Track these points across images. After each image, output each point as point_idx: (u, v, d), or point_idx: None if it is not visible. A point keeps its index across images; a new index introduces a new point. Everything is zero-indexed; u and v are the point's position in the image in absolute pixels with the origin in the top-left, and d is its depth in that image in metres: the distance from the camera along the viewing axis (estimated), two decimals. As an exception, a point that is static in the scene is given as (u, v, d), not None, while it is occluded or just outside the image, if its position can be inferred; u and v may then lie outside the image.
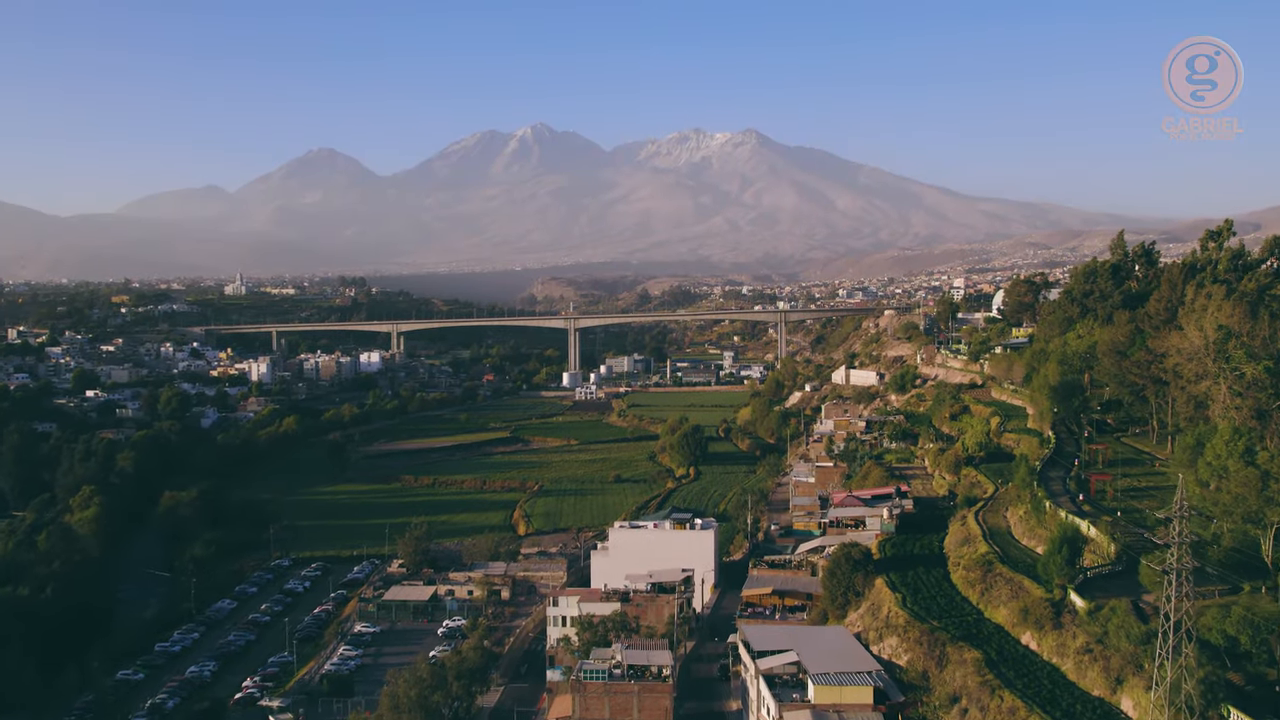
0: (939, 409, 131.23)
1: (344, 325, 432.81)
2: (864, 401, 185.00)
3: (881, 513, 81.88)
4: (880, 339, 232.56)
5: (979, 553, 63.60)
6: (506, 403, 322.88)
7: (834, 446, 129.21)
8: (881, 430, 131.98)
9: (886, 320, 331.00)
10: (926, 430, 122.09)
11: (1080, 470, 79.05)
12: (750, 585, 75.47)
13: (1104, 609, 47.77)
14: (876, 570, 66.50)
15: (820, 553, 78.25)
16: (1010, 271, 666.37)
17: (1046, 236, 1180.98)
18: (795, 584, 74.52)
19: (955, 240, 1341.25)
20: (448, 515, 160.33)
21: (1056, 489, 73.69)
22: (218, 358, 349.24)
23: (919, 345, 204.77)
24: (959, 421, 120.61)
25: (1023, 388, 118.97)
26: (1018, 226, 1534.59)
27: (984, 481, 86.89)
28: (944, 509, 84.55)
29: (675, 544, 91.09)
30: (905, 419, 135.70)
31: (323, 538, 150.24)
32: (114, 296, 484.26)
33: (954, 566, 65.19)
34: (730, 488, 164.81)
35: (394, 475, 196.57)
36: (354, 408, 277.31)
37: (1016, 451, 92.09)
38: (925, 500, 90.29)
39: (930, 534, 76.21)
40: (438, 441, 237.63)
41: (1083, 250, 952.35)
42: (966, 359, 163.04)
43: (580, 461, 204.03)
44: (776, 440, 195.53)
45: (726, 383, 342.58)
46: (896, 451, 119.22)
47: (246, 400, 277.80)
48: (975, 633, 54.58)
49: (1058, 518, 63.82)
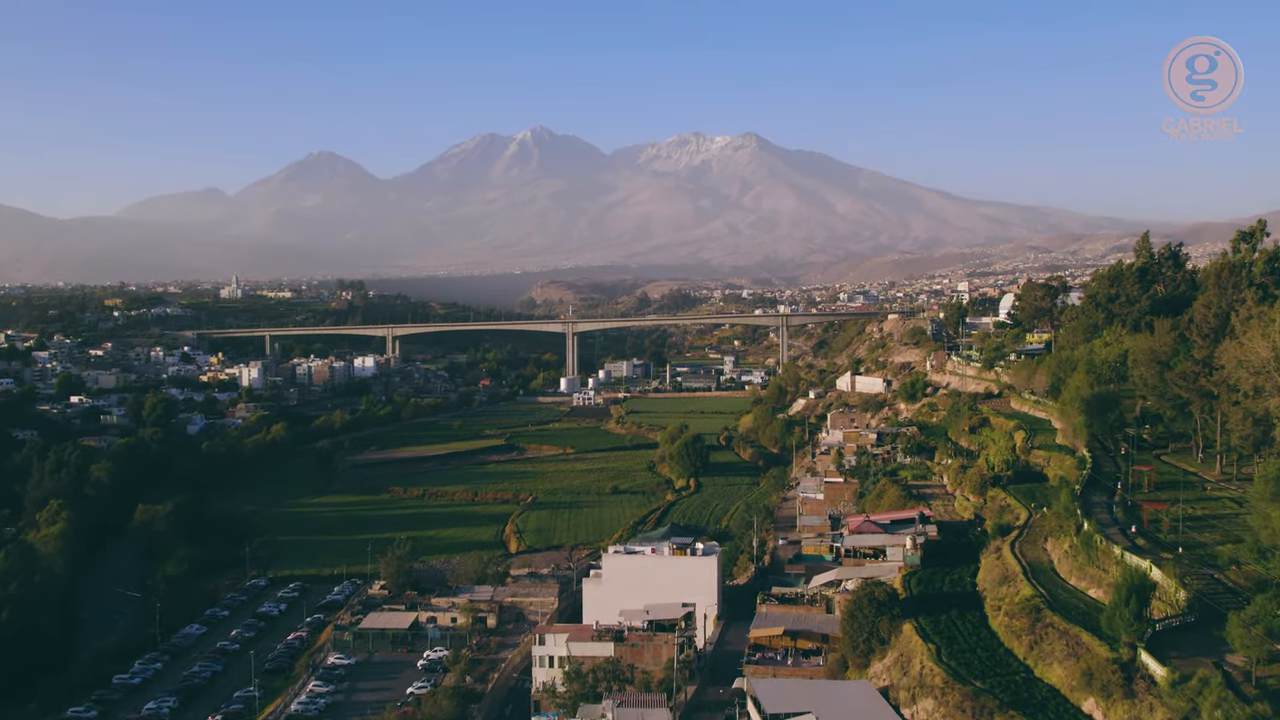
0: (956, 421, 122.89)
1: (338, 329, 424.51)
2: (871, 410, 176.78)
3: (904, 541, 73.65)
4: (886, 344, 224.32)
5: (1022, 596, 55.29)
6: (503, 408, 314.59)
7: (844, 460, 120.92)
8: (894, 443, 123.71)
9: (890, 325, 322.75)
10: (944, 445, 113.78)
11: (1126, 495, 70.78)
12: (759, 624, 67.17)
13: (1191, 680, 39.50)
14: (904, 613, 58.16)
15: (836, 586, 70.16)
16: (1011, 275, 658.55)
17: (1047, 240, 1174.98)
18: (809, 623, 66.23)
19: (955, 244, 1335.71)
20: (436, 530, 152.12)
21: (1103, 517, 65.33)
22: (209, 362, 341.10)
23: (927, 351, 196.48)
24: (978, 435, 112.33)
25: (1046, 399, 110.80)
26: (1018, 230, 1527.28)
27: (1014, 506, 78.60)
28: (973, 538, 76.13)
29: (674, 572, 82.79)
30: (919, 431, 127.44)
31: (304, 554, 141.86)
32: (107, 300, 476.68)
33: (993, 610, 56.88)
34: (733, 501, 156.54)
35: (383, 486, 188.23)
36: (345, 414, 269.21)
37: (1048, 471, 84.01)
38: (950, 526, 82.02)
39: (960, 567, 67.88)
40: (430, 449, 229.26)
41: (1083, 254, 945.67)
42: (980, 366, 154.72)
43: (576, 471, 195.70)
44: (780, 450, 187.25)
45: (727, 388, 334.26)
46: (912, 467, 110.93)
47: (235, 406, 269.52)
48: (1027, 698, 46.23)
49: (1115, 556, 55.49)
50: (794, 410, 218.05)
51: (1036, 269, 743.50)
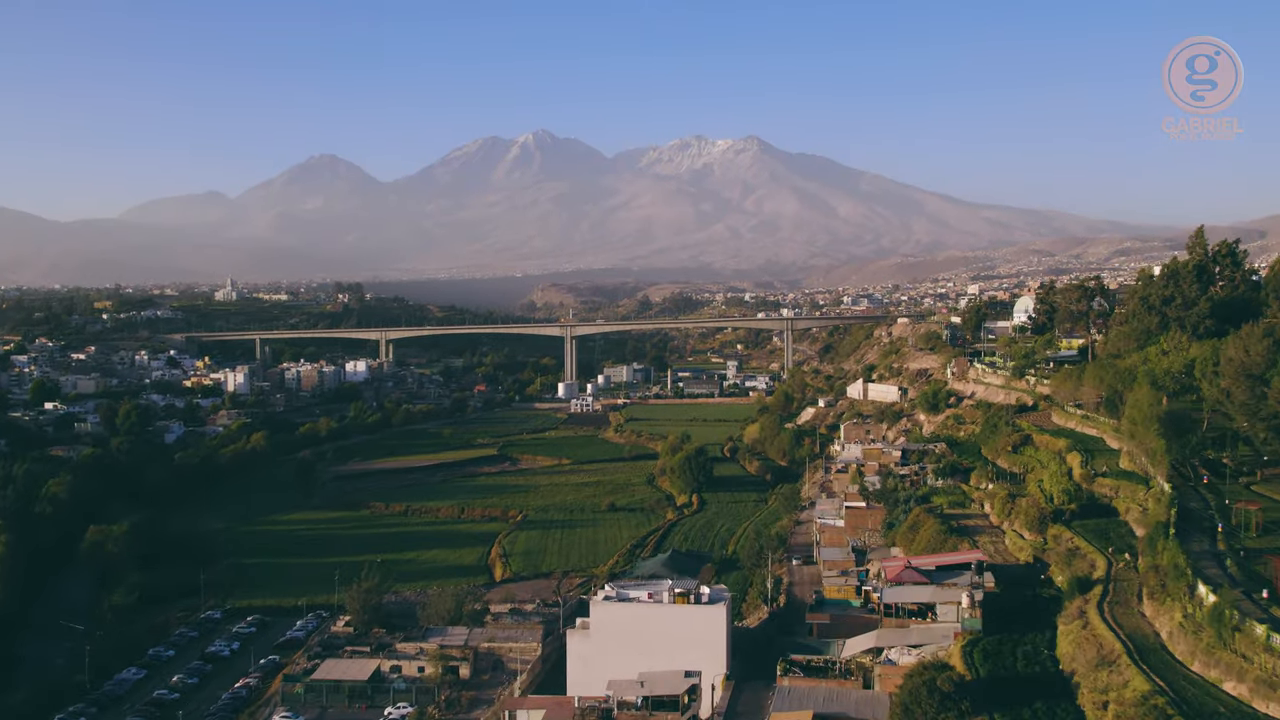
0: (992, 438, 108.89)
1: (331, 333, 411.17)
2: (888, 420, 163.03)
3: (958, 597, 59.89)
4: (900, 350, 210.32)
5: (1135, 691, 41.53)
6: (498, 415, 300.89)
7: (865, 481, 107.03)
8: (922, 462, 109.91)
9: (901, 328, 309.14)
10: (983, 467, 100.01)
11: (1234, 542, 57.00)
12: (782, 704, 53.28)
13: None
14: (974, 707, 44.49)
15: (877, 656, 56.65)
16: (1016, 279, 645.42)
17: (1050, 244, 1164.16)
18: (844, 704, 52.42)
19: (957, 247, 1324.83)
20: (416, 552, 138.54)
21: (1212, 573, 51.56)
22: (194, 366, 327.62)
23: (946, 357, 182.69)
24: (1022, 455, 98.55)
25: (1098, 414, 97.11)
26: (1020, 233, 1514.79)
27: (1086, 550, 64.95)
28: (1042, 593, 62.26)
29: (675, 624, 68.92)
30: (949, 448, 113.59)
31: (270, 580, 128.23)
32: (97, 302, 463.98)
33: (1094, 708, 43.08)
34: (739, 521, 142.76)
35: (363, 501, 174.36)
36: (331, 421, 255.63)
37: (1118, 504, 70.48)
38: (1005, 572, 68.02)
39: (1033, 634, 54.13)
40: (418, 460, 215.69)
41: (1086, 257, 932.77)
42: (1008, 374, 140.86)
43: (571, 485, 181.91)
44: (790, 463, 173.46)
45: (730, 394, 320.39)
46: (946, 492, 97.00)
47: (217, 413, 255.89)
48: None
49: (1259, 639, 41.70)
50: (802, 419, 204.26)
51: (1040, 272, 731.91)
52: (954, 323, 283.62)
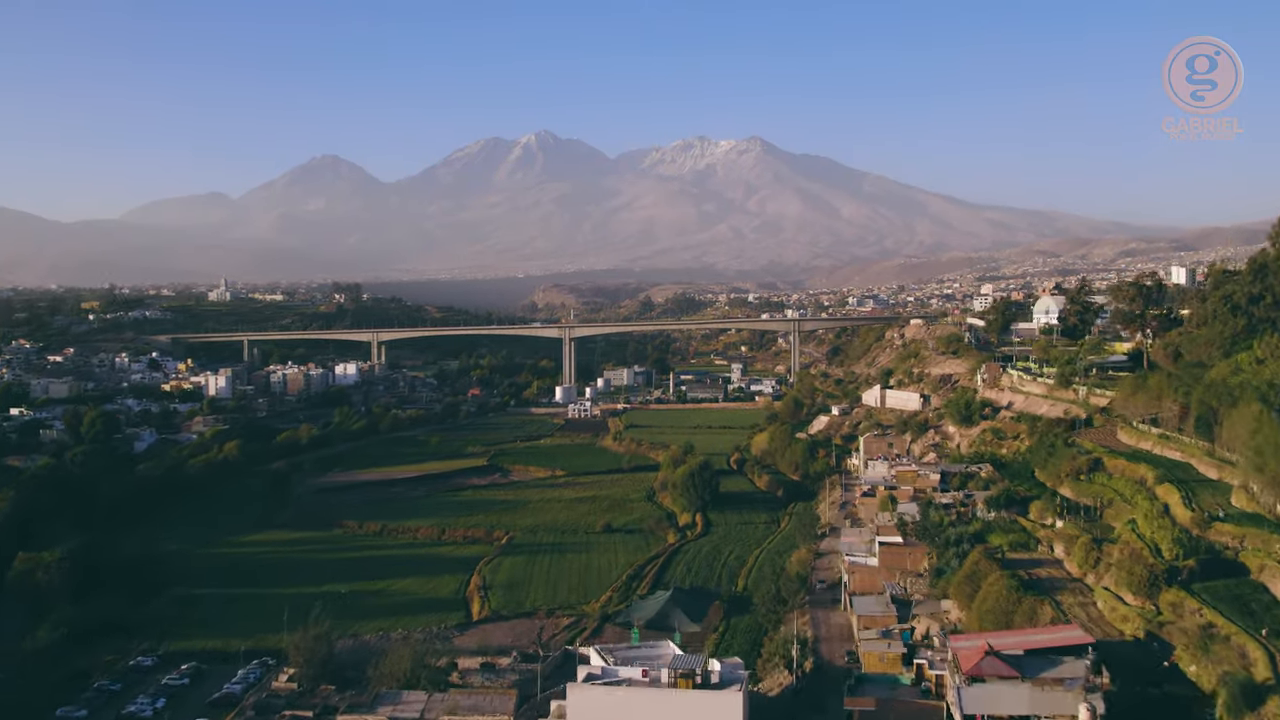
0: (1052, 461, 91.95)
1: (323, 334, 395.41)
2: (912, 432, 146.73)
3: (1072, 708, 43.15)
4: (919, 353, 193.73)
5: None
6: (491, 421, 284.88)
7: (901, 511, 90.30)
8: (967, 487, 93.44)
9: (914, 330, 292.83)
10: (1047, 498, 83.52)
11: None
12: None
13: None
14: None
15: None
16: (1022, 279, 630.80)
17: (1055, 245, 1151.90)
18: None
19: (960, 248, 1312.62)
20: (387, 581, 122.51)
21: None
22: (176, 369, 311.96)
23: (973, 362, 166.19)
24: (1093, 484, 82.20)
25: (1180, 434, 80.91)
26: (1024, 235, 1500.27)
27: (1224, 627, 48.80)
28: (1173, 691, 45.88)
29: (677, 717, 52.86)
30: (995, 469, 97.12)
31: (218, 616, 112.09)
32: (84, 303, 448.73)
33: None
34: (750, 546, 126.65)
35: (337, 519, 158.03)
36: (313, 428, 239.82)
37: (1249, 560, 54.41)
38: (1111, 652, 51.20)
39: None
40: (402, 471, 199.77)
41: (1092, 258, 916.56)
42: (1051, 382, 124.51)
43: (564, 501, 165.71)
44: (803, 477, 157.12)
45: (735, 399, 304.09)
46: (1002, 528, 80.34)
47: (193, 420, 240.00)
48: None
49: None
50: (815, 429, 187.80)
51: (1046, 273, 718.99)
52: (972, 324, 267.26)
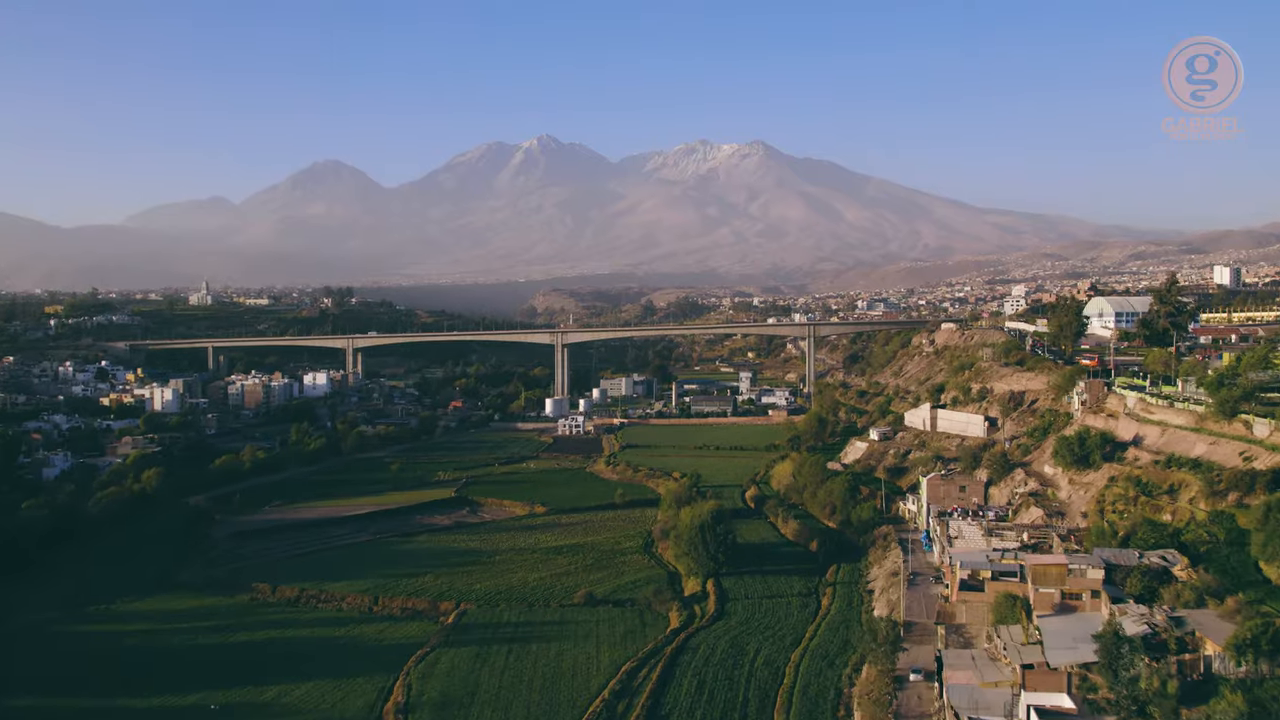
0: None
1: (297, 340, 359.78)
2: (990, 471, 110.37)
3: None
4: (974, 364, 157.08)
5: None
6: (471, 438, 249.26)
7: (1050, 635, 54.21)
8: (1157, 596, 57.34)
9: (947, 335, 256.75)
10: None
11: None
12: None
13: None
14: None
15: None
16: (1034, 282, 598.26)
17: (1061, 248, 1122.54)
18: None
19: (966, 252, 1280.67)
20: (283, 686, 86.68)
21: None
22: (125, 380, 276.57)
23: (1053, 376, 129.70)
24: None
25: None
26: (1028, 239, 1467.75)
27: None
28: None
29: None
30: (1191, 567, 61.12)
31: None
32: (48, 307, 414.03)
33: None
34: (782, 639, 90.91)
35: (250, 579, 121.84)
36: (259, 450, 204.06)
37: None
38: None
39: None
40: (352, 505, 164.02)
41: (1102, 261, 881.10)
42: (1204, 410, 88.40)
43: (540, 552, 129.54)
44: (842, 524, 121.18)
45: (746, 412, 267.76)
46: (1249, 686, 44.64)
47: (121, 440, 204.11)
48: None
49: None
50: (849, 457, 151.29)
51: (1057, 276, 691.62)
52: (1017, 329, 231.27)
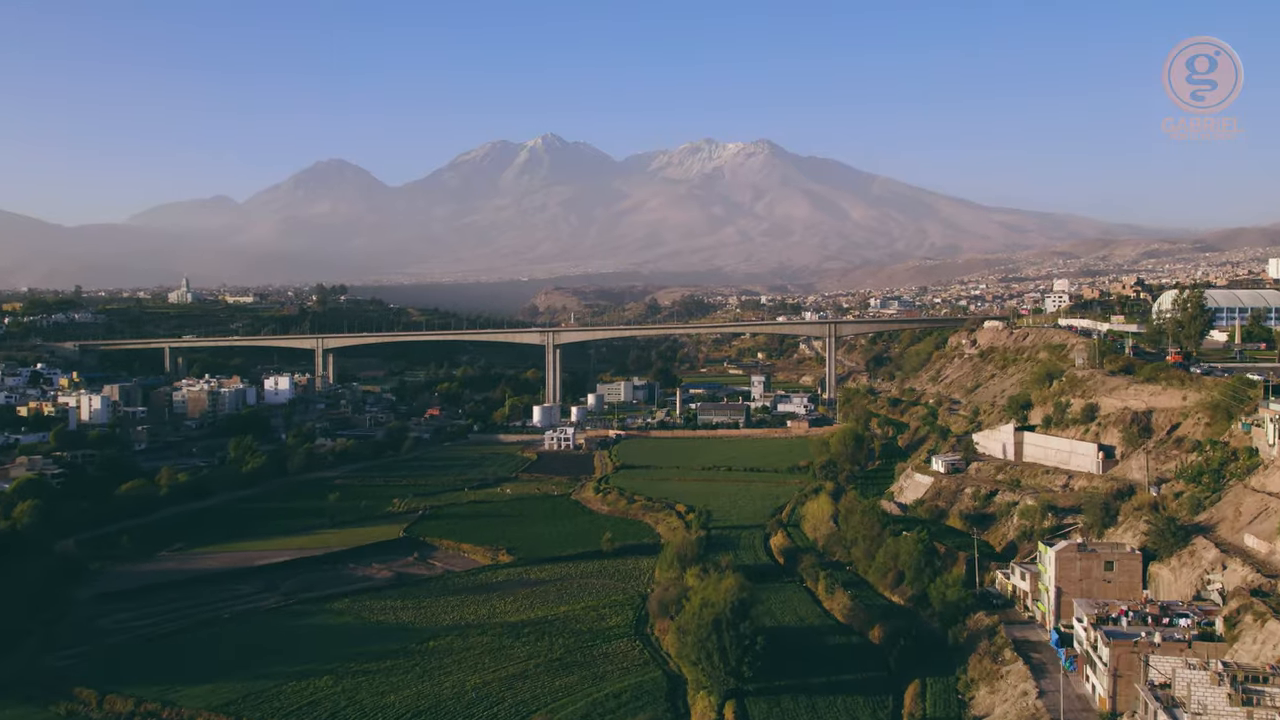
0: None
1: (259, 340, 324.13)
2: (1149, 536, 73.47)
3: None
4: (1070, 374, 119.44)
5: None
6: (445, 453, 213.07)
7: None
8: None
9: (991, 335, 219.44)
10: None
11: None
12: None
13: None
14: None
15: None
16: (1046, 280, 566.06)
17: (1072, 246, 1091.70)
18: None
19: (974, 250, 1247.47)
20: None
21: None
22: (58, 385, 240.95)
23: (1195, 392, 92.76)
24: None
25: None
26: (1035, 237, 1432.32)
27: None
28: None
29: None
30: None
31: None
32: (6, 304, 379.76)
33: None
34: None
35: (81, 673, 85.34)
36: (181, 473, 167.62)
37: None
38: None
39: None
40: (271, 549, 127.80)
41: (1114, 259, 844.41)
42: None
43: (492, 634, 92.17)
44: (914, 601, 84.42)
45: (760, 424, 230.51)
46: None
47: (15, 461, 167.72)
48: None
49: None
50: (906, 496, 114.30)
51: (1070, 274, 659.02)
52: (1083, 326, 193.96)
